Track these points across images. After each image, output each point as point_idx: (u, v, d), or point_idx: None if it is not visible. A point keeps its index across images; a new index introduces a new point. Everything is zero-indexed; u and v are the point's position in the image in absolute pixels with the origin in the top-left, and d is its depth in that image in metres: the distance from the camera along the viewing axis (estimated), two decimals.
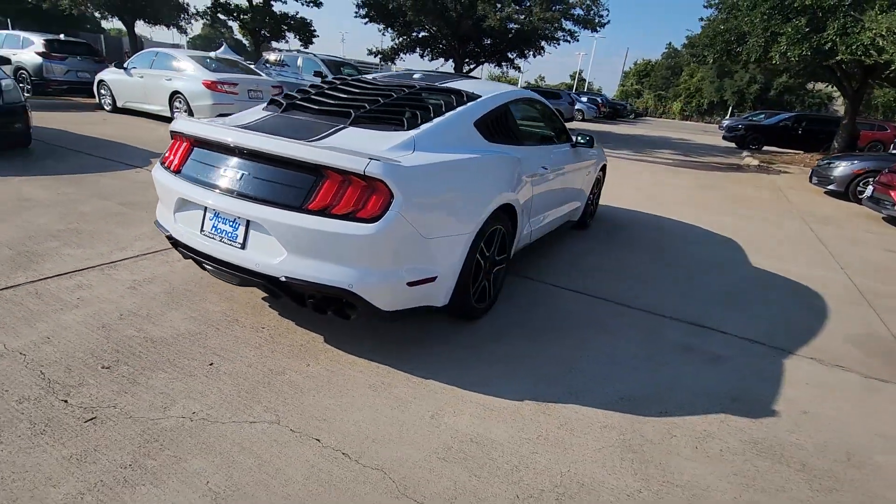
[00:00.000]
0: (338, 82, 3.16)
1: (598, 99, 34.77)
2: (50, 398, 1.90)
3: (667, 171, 10.94)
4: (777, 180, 10.87)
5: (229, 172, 2.30)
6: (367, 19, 18.32)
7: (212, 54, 10.07)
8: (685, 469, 1.91)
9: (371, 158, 2.05)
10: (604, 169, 5.24)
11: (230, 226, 2.27)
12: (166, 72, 9.36)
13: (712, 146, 19.61)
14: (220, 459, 1.71)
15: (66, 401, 1.90)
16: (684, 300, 3.60)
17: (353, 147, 2.25)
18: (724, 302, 3.65)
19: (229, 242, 2.27)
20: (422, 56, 19.44)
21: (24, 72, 12.23)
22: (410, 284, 2.27)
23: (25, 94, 12.03)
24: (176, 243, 2.53)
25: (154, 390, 2.01)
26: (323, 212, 2.08)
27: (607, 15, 17.53)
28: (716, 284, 4.01)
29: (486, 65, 19.51)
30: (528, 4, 16.98)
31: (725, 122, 28.76)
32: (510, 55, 19.00)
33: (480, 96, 3.01)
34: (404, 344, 2.59)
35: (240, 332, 2.53)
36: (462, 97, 2.92)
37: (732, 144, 19.29)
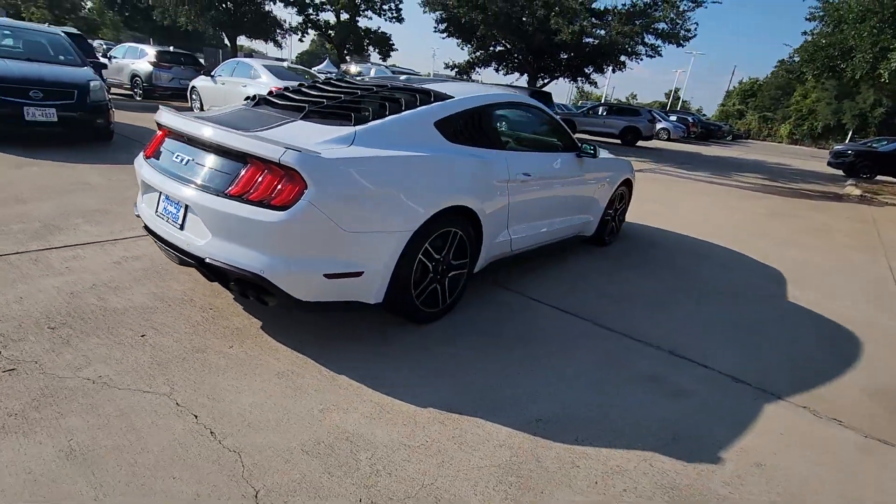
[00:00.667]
0: (320, 82, 3.26)
1: (690, 118, 32.74)
2: None
3: (741, 195, 10.01)
4: (876, 213, 9.53)
5: (179, 158, 2.46)
6: (445, 34, 18.80)
7: (284, 64, 10.86)
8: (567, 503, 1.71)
9: (288, 148, 2.09)
10: (628, 184, 4.90)
11: (174, 207, 2.42)
12: (243, 79, 10.22)
13: (813, 173, 17.67)
14: (96, 421, 1.80)
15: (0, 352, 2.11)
16: (679, 328, 3.25)
17: (291, 138, 2.31)
18: (727, 335, 3.24)
19: (172, 223, 2.42)
20: (496, 70, 19.54)
21: (137, 78, 13.97)
22: (329, 276, 2.26)
23: (137, 98, 13.83)
24: (145, 225, 2.74)
25: (78, 352, 2.18)
26: (240, 197, 2.15)
27: (695, 29, 16.54)
28: (729, 316, 3.58)
29: (561, 79, 19.13)
30: (609, 19, 16.49)
31: (837, 148, 25.80)
32: (587, 70, 18.50)
33: (452, 97, 2.96)
34: (339, 339, 2.58)
35: (188, 310, 2.67)
36: (429, 97, 2.88)
37: (839, 172, 17.23)
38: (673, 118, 31.12)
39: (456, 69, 19.85)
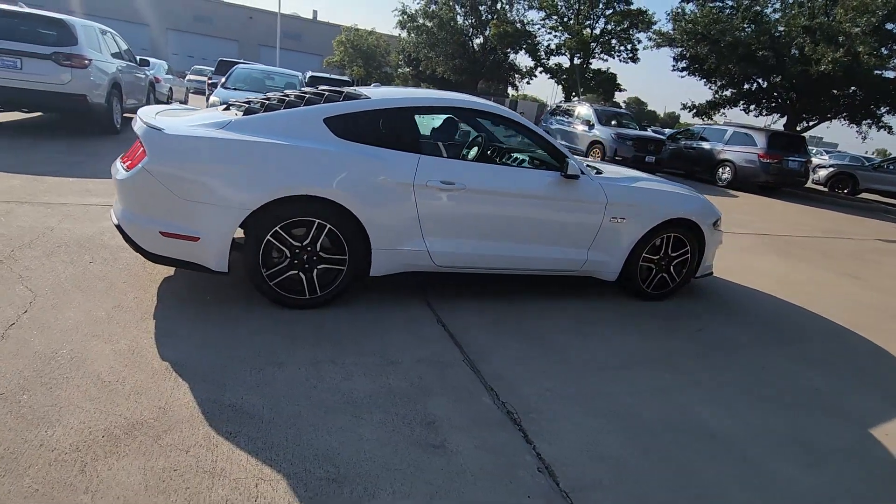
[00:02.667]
0: (300, 90, 3.70)
1: None
2: None
3: None
4: None
5: None
6: (685, 72, 17.11)
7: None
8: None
9: (144, 124, 2.59)
10: (688, 225, 3.71)
11: None
12: None
13: None
14: None
15: None
16: (585, 403, 2.43)
17: (178, 121, 2.81)
18: (653, 439, 2.26)
19: None
20: (745, 111, 16.68)
21: None
22: (164, 235, 2.63)
23: None
24: None
25: (42, 260, 3.08)
26: (122, 161, 2.75)
27: None
28: (712, 419, 2.45)
29: (835, 121, 15.00)
30: None
31: None
32: (878, 111, 14.05)
33: (368, 98, 3.00)
34: (207, 300, 2.90)
35: None
36: (338, 97, 3.00)
37: None
38: None
39: (693, 110, 17.77)
